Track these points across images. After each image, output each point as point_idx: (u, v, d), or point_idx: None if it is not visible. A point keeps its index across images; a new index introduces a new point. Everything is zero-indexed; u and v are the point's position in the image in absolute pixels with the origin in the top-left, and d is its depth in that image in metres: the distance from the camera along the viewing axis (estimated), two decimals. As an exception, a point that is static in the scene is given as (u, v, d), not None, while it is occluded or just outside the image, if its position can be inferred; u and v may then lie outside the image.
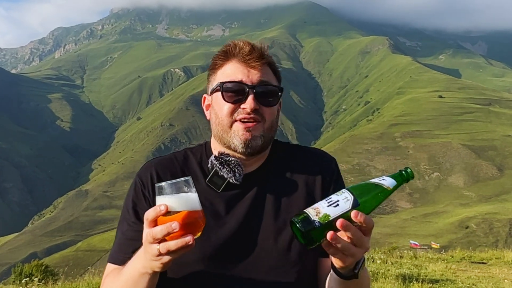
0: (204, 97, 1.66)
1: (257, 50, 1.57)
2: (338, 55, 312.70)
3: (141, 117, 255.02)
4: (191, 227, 1.21)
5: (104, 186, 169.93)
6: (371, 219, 1.25)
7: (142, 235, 1.30)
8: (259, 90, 1.54)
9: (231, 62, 1.57)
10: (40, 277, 11.55)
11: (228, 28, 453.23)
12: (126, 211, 1.60)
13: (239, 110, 1.53)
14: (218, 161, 1.56)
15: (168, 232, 1.19)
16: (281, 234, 1.55)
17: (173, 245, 1.20)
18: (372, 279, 9.42)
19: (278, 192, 1.60)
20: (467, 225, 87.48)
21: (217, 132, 1.58)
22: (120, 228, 1.59)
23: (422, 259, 14.07)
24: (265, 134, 1.56)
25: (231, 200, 1.58)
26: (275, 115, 1.60)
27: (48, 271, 13.52)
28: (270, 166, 1.64)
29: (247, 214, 1.56)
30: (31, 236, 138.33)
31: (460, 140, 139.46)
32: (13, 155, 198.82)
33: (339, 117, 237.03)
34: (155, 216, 1.22)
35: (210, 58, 1.71)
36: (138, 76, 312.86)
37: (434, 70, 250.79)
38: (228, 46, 1.60)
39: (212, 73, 1.62)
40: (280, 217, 1.57)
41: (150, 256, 1.25)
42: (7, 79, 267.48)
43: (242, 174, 1.57)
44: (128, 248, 1.47)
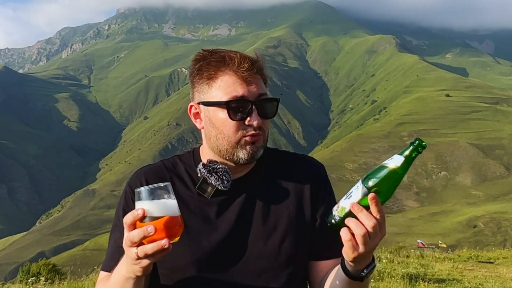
0: (191, 105, 1.63)
1: (256, 63, 1.55)
2: (344, 54, 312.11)
3: (148, 116, 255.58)
4: (168, 231, 1.23)
5: (111, 186, 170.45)
6: (381, 208, 1.26)
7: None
8: (261, 105, 1.54)
9: (226, 74, 1.54)
10: (46, 276, 11.60)
11: (235, 28, 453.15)
12: (117, 219, 1.62)
13: (244, 126, 1.53)
14: (206, 169, 1.57)
15: (144, 235, 1.22)
16: (271, 238, 1.57)
17: (150, 249, 1.22)
18: (378, 279, 9.41)
19: (267, 198, 1.62)
20: (474, 224, 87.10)
21: (219, 146, 1.58)
22: (113, 237, 1.61)
23: (429, 258, 14.03)
24: (264, 144, 1.60)
25: (221, 205, 1.59)
26: (270, 124, 1.62)
27: (55, 270, 13.59)
28: (259, 171, 1.66)
29: (237, 219, 1.58)
30: (39, 235, 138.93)
31: (467, 139, 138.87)
32: (20, 154, 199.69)
33: (345, 116, 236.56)
34: (133, 220, 1.24)
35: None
36: (145, 75, 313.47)
37: (441, 69, 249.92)
38: (220, 56, 1.56)
39: (202, 83, 1.58)
40: (269, 222, 1.59)
41: (130, 260, 1.27)
42: (14, 79, 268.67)
43: (231, 180, 1.58)
44: (120, 256, 1.45)
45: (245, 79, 1.53)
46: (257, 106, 1.53)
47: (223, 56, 1.55)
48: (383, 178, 1.25)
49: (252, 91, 1.53)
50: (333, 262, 1.61)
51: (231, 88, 1.52)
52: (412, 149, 1.26)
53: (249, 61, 1.53)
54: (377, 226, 1.27)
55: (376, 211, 1.25)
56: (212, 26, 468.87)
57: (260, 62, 1.57)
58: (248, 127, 1.53)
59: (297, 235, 1.58)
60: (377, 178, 1.25)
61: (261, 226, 1.58)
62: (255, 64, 1.54)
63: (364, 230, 1.26)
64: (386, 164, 1.26)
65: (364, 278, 1.40)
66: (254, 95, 1.53)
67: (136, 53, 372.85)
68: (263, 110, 1.55)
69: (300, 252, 1.60)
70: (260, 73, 1.57)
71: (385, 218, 1.28)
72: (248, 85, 1.53)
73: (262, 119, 1.54)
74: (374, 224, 1.26)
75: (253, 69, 1.53)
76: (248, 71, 1.52)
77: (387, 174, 1.25)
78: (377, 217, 1.26)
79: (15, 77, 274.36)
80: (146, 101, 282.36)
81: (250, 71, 1.53)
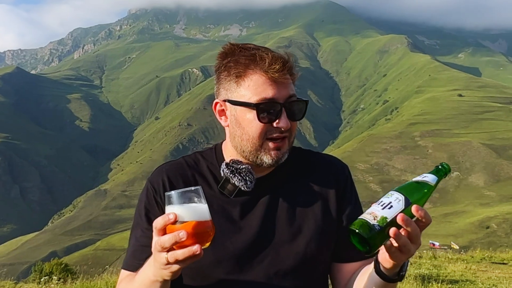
0: (217, 102, 1.60)
1: (287, 64, 1.51)
2: (356, 54, 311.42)
3: (159, 117, 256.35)
4: (200, 237, 1.22)
5: (123, 186, 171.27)
6: (429, 214, 1.28)
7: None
8: (290, 107, 1.52)
9: (256, 73, 1.50)
10: (59, 276, 11.65)
11: (246, 28, 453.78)
12: (138, 217, 1.61)
13: (271, 128, 1.52)
14: (229, 169, 1.56)
15: (175, 241, 1.20)
16: (297, 239, 1.56)
17: (181, 255, 1.20)
18: (390, 279, 9.33)
19: (291, 198, 1.61)
20: (487, 225, 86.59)
21: (243, 146, 1.56)
22: (134, 235, 1.60)
23: (442, 259, 13.93)
24: (289, 147, 1.58)
25: (245, 205, 1.58)
26: (297, 126, 1.60)
27: (68, 270, 13.64)
28: (282, 170, 1.63)
29: (262, 220, 1.57)
30: (51, 235, 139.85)
31: (480, 139, 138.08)
32: (33, 155, 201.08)
33: (357, 117, 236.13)
34: (164, 225, 1.22)
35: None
36: (156, 76, 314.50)
37: (453, 68, 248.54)
38: (251, 55, 1.52)
39: (230, 80, 1.54)
40: (295, 223, 1.57)
41: (159, 264, 1.26)
42: (27, 79, 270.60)
43: (254, 181, 1.56)
44: (142, 254, 1.48)
45: (275, 80, 1.50)
46: (286, 108, 1.51)
47: (253, 54, 1.51)
48: (424, 194, 1.31)
49: (282, 92, 1.51)
50: (358, 264, 1.60)
51: (260, 88, 1.50)
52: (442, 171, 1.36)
53: (280, 62, 1.49)
54: (419, 235, 1.30)
55: (424, 219, 1.27)
56: (223, 26, 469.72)
57: (291, 63, 1.53)
58: (275, 129, 1.52)
59: (323, 236, 1.58)
60: (419, 193, 1.31)
61: (287, 227, 1.57)
62: (286, 64, 1.51)
63: (409, 242, 1.28)
64: (426, 182, 1.33)
65: (403, 277, 1.41)
66: (284, 97, 1.51)
67: (148, 53, 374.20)
68: (292, 112, 1.53)
69: (325, 253, 1.59)
70: (290, 73, 1.54)
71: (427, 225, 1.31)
72: (278, 86, 1.50)
73: (290, 121, 1.52)
74: (419, 233, 1.29)
75: (283, 70, 1.50)
76: (278, 72, 1.49)
77: (427, 191, 1.32)
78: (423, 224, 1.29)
79: (28, 78, 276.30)
80: (157, 102, 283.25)
81: (280, 72, 1.49)
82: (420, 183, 1.33)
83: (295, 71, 1.55)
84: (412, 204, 1.28)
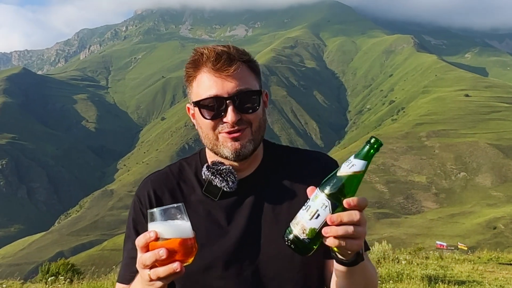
0: (188, 107, 1.63)
1: (225, 55, 1.49)
2: (362, 54, 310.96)
3: (165, 117, 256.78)
4: (181, 254, 1.22)
5: (129, 186, 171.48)
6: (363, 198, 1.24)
7: None
8: (237, 101, 1.48)
9: (202, 72, 1.51)
10: (66, 276, 11.68)
11: (251, 28, 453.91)
12: (128, 230, 1.62)
13: (221, 123, 1.50)
14: (210, 171, 1.55)
15: (156, 259, 1.20)
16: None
17: (162, 272, 1.21)
18: (397, 280, 9.34)
19: (276, 197, 1.59)
20: (494, 226, 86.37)
21: (207, 144, 1.57)
22: (126, 248, 1.61)
23: (448, 260, 13.89)
24: (254, 137, 1.53)
25: (230, 208, 1.57)
26: (260, 115, 1.55)
27: (74, 270, 13.67)
28: (265, 169, 1.63)
29: (248, 221, 1.56)
30: (57, 235, 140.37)
31: (487, 139, 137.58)
32: (39, 155, 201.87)
33: (363, 117, 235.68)
34: (145, 243, 1.23)
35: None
36: (162, 76, 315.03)
37: (460, 68, 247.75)
38: (195, 55, 1.54)
39: (188, 84, 1.58)
40: (281, 223, 1.52)
41: (144, 281, 1.27)
42: (33, 80, 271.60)
43: (236, 181, 1.55)
44: (133, 266, 1.43)
45: (218, 74, 1.48)
46: (233, 101, 1.48)
47: (195, 53, 1.54)
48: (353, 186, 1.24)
49: (228, 87, 1.47)
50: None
51: (205, 87, 1.50)
52: (370, 148, 1.28)
53: (215, 54, 1.48)
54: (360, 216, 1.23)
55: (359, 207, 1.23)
56: (228, 26, 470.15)
57: (230, 52, 1.50)
58: (225, 124, 1.49)
59: None
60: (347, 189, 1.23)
61: (274, 228, 1.54)
62: (222, 55, 1.48)
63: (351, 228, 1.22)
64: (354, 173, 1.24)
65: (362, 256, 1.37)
66: (230, 91, 1.47)
67: (154, 54, 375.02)
68: (241, 104, 1.49)
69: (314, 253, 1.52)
70: (234, 62, 1.49)
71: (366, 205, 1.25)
72: (222, 81, 1.48)
73: (244, 114, 1.50)
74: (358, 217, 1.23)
75: (220, 61, 1.47)
76: (217, 64, 1.48)
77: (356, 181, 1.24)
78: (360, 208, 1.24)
79: (34, 79, 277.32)
80: (164, 102, 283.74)
81: (219, 63, 1.47)
82: (348, 176, 1.23)
83: (240, 60, 1.51)
84: (340, 206, 1.22)
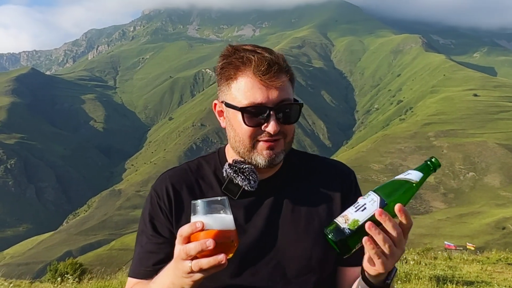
0: (215, 103, 1.61)
1: (275, 66, 1.49)
2: (370, 54, 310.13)
3: (173, 117, 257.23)
4: (224, 247, 1.21)
5: (137, 186, 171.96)
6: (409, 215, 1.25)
7: (162, 248, 1.43)
8: (280, 111, 1.49)
9: (246, 76, 1.49)
10: (74, 276, 11.73)
11: (259, 28, 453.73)
12: (143, 224, 1.60)
13: (260, 131, 1.50)
14: (232, 169, 1.55)
15: (202, 249, 1.18)
16: (301, 242, 1.55)
17: (206, 263, 1.19)
18: (405, 280, 9.33)
19: (296, 200, 1.59)
20: (503, 226, 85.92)
21: (237, 148, 1.56)
22: (139, 242, 1.60)
23: (457, 260, 13.85)
24: (286, 148, 1.55)
25: (249, 207, 1.57)
26: (294, 128, 1.57)
27: (82, 270, 13.73)
28: (287, 172, 1.63)
29: (266, 222, 1.56)
30: (66, 235, 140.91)
31: (495, 139, 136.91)
32: (48, 155, 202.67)
33: (371, 117, 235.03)
34: (190, 233, 1.21)
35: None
36: (170, 76, 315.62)
37: (468, 68, 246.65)
38: (239, 57, 1.51)
39: (224, 82, 1.55)
40: (300, 225, 1.56)
41: (181, 273, 1.24)
42: (41, 80, 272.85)
43: (257, 181, 1.55)
44: (148, 261, 1.47)
45: (264, 83, 1.48)
46: (276, 112, 1.48)
47: (242, 56, 1.50)
48: (405, 193, 1.25)
49: (272, 96, 1.48)
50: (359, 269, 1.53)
51: (250, 92, 1.49)
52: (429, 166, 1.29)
53: (266, 64, 1.47)
54: (402, 235, 1.25)
55: (405, 219, 1.24)
56: (236, 26, 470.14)
57: (281, 64, 1.51)
58: (264, 132, 1.50)
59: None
60: (398, 192, 1.25)
61: (292, 230, 1.55)
62: (273, 66, 1.48)
63: (390, 241, 1.23)
64: (407, 180, 1.26)
65: (389, 285, 1.37)
66: (274, 101, 1.48)
67: (161, 54, 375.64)
68: (283, 115, 1.50)
69: (330, 257, 1.56)
70: (279, 75, 1.50)
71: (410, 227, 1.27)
72: (268, 90, 1.48)
73: (282, 124, 1.50)
74: (400, 232, 1.24)
75: (270, 72, 1.47)
76: (266, 74, 1.47)
77: (409, 189, 1.26)
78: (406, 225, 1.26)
79: (43, 79, 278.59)
80: (171, 102, 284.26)
81: (268, 74, 1.47)
82: (401, 181, 1.27)
83: (286, 71, 1.52)
84: (389, 205, 1.23)
